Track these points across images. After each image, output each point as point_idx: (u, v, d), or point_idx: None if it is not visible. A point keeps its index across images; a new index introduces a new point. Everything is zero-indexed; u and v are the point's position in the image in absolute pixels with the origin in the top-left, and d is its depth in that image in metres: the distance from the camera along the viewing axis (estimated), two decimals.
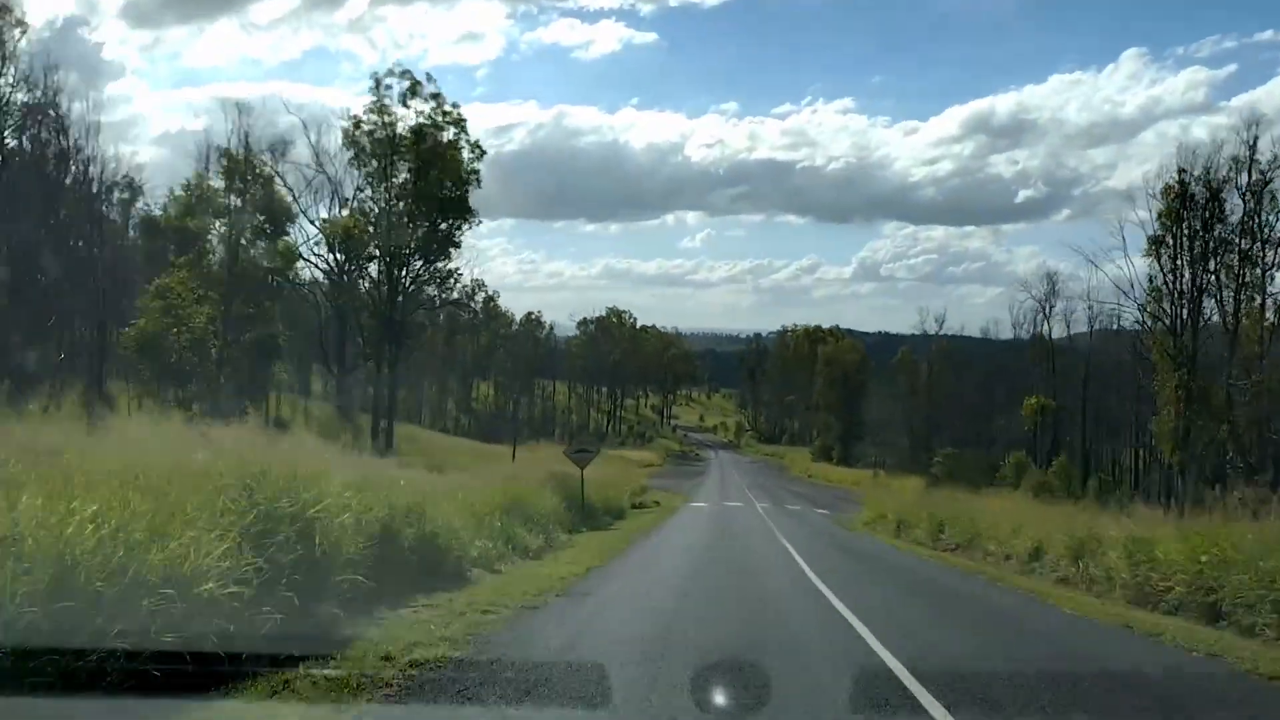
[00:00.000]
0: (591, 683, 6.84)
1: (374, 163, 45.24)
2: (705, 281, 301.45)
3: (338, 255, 45.80)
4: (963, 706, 6.51)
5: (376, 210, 45.77)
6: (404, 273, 45.63)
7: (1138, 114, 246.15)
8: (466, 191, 45.83)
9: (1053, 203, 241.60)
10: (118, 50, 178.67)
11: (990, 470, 58.46)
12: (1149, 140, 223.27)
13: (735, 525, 30.17)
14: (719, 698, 6.70)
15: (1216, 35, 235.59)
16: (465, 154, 45.53)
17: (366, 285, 46.54)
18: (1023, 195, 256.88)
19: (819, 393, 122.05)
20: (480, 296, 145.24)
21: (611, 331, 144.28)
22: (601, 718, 6.23)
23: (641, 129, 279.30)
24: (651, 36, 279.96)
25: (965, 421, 77.92)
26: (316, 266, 45.93)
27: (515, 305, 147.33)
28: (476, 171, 45.96)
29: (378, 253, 45.45)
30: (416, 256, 45.53)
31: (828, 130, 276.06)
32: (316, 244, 46.47)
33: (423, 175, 44.67)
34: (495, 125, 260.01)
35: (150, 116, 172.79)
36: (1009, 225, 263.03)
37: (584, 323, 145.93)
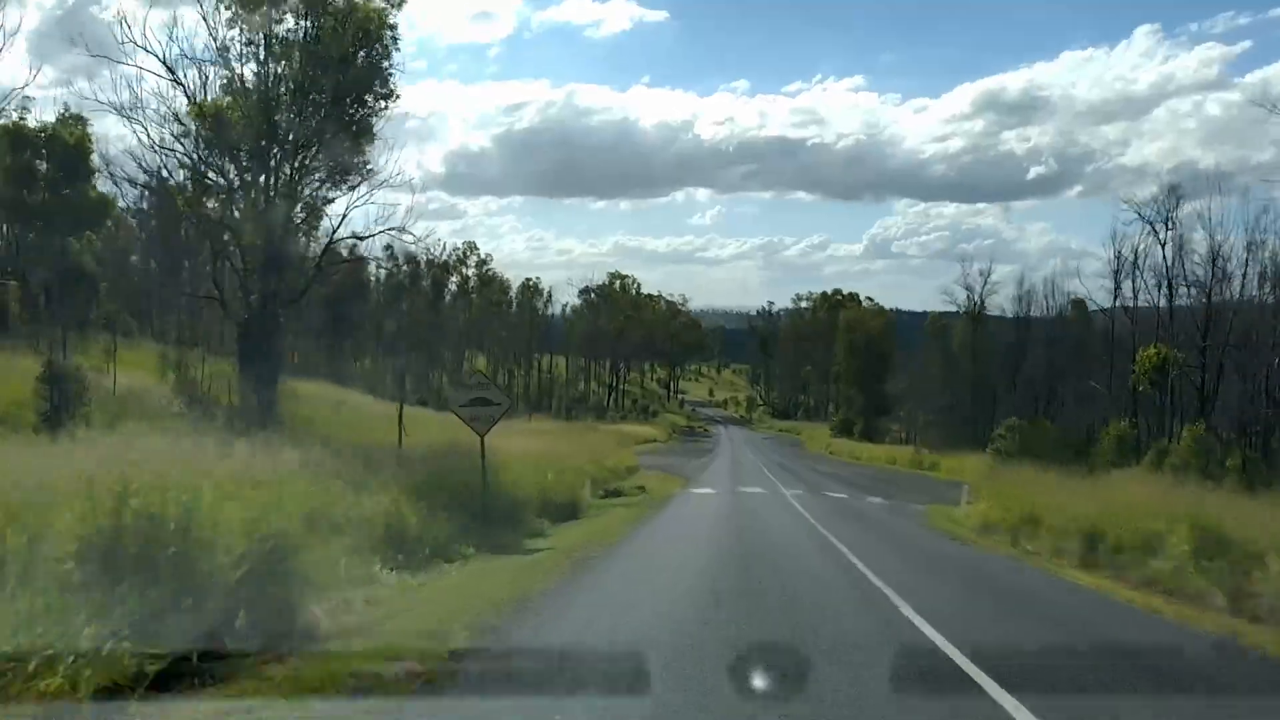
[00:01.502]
0: None
1: (251, 14, 31.47)
2: (716, 259, 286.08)
3: (205, 149, 32.17)
4: None
5: (257, 85, 32.02)
6: (292, 169, 31.87)
7: (1150, 91, 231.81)
8: (384, 58, 31.97)
9: (1064, 179, 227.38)
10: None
11: (1076, 445, 44.66)
12: (1161, 117, 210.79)
13: (764, 535, 16.56)
14: None
15: (1231, 11, 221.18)
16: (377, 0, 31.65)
17: (253, 195, 32.85)
18: (1034, 172, 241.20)
19: (838, 362, 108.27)
20: (473, 260, 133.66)
21: (614, 300, 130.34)
22: None
23: (652, 107, 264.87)
24: (663, 15, 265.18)
25: (1022, 394, 63.89)
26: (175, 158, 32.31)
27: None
28: (394, 28, 32.06)
29: (263, 144, 31.68)
30: (311, 148, 31.77)
31: (838, 108, 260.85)
32: (183, 136, 32.88)
33: (314, 27, 30.90)
34: (507, 104, 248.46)
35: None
36: (1020, 202, 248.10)
37: (586, 291, 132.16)
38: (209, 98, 31.95)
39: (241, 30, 31.87)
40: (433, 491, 14.04)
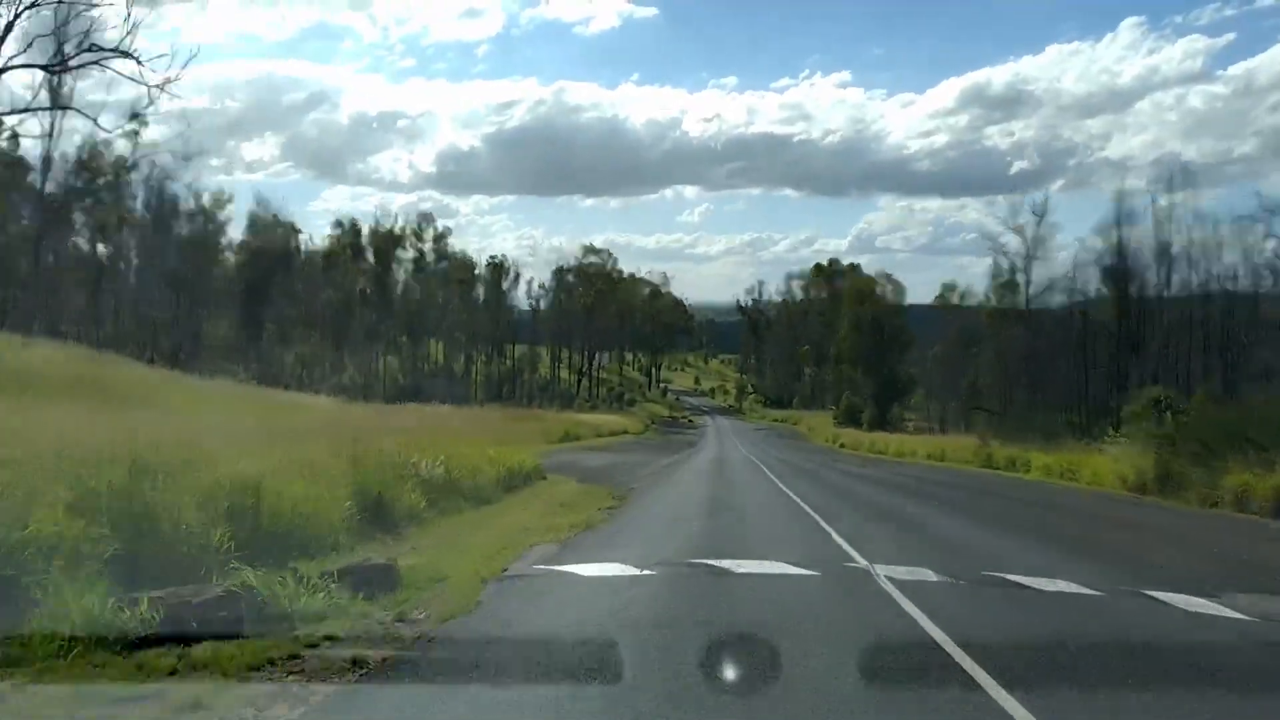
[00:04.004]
0: None
1: None
2: (705, 255, 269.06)
3: None
4: None
5: None
6: None
7: (1134, 84, 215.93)
8: None
9: (1047, 174, 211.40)
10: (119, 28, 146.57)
11: None
12: (1145, 110, 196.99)
13: None
14: None
15: (1217, 3, 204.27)
16: None
17: None
18: (1017, 166, 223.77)
19: (842, 339, 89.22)
20: (430, 233, 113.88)
21: (588, 277, 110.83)
22: None
23: (641, 104, 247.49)
24: (652, 12, 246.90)
25: (1141, 371, 44.87)
26: None
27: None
28: None
29: None
30: None
31: (825, 104, 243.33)
32: None
33: None
34: (496, 102, 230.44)
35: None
36: (1004, 196, 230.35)
37: (560, 271, 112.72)
38: None
39: None
40: None
